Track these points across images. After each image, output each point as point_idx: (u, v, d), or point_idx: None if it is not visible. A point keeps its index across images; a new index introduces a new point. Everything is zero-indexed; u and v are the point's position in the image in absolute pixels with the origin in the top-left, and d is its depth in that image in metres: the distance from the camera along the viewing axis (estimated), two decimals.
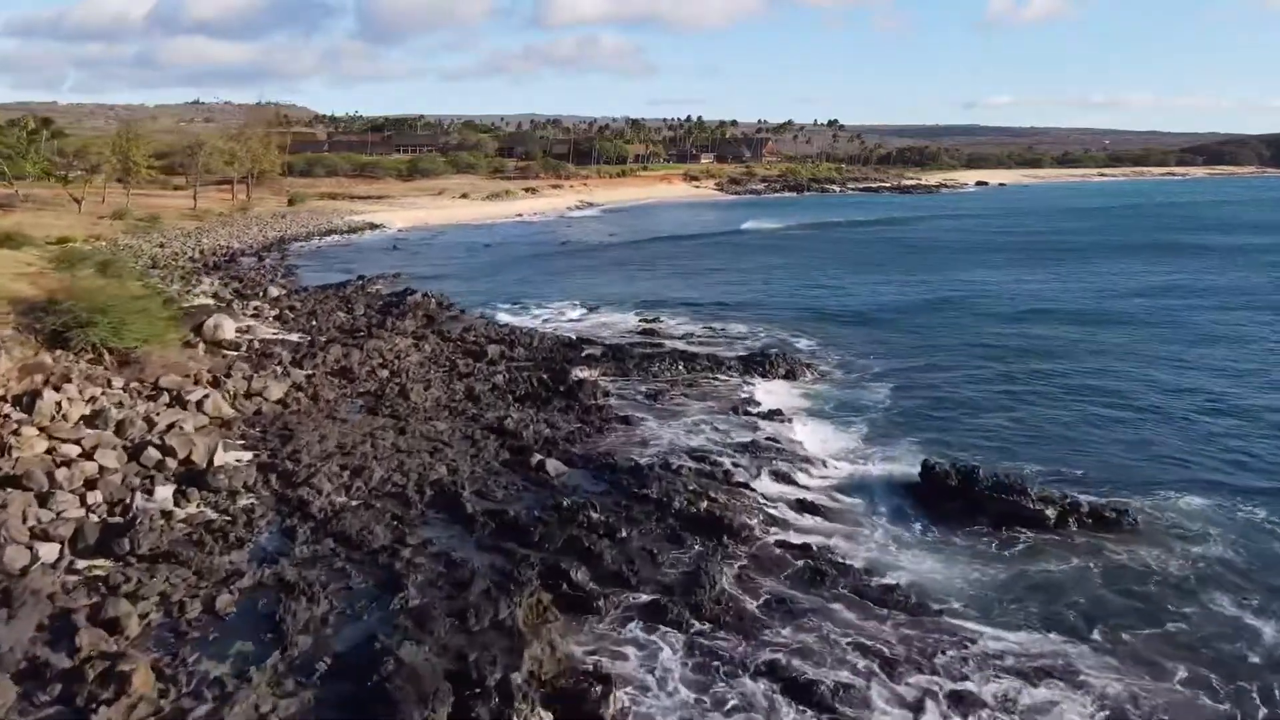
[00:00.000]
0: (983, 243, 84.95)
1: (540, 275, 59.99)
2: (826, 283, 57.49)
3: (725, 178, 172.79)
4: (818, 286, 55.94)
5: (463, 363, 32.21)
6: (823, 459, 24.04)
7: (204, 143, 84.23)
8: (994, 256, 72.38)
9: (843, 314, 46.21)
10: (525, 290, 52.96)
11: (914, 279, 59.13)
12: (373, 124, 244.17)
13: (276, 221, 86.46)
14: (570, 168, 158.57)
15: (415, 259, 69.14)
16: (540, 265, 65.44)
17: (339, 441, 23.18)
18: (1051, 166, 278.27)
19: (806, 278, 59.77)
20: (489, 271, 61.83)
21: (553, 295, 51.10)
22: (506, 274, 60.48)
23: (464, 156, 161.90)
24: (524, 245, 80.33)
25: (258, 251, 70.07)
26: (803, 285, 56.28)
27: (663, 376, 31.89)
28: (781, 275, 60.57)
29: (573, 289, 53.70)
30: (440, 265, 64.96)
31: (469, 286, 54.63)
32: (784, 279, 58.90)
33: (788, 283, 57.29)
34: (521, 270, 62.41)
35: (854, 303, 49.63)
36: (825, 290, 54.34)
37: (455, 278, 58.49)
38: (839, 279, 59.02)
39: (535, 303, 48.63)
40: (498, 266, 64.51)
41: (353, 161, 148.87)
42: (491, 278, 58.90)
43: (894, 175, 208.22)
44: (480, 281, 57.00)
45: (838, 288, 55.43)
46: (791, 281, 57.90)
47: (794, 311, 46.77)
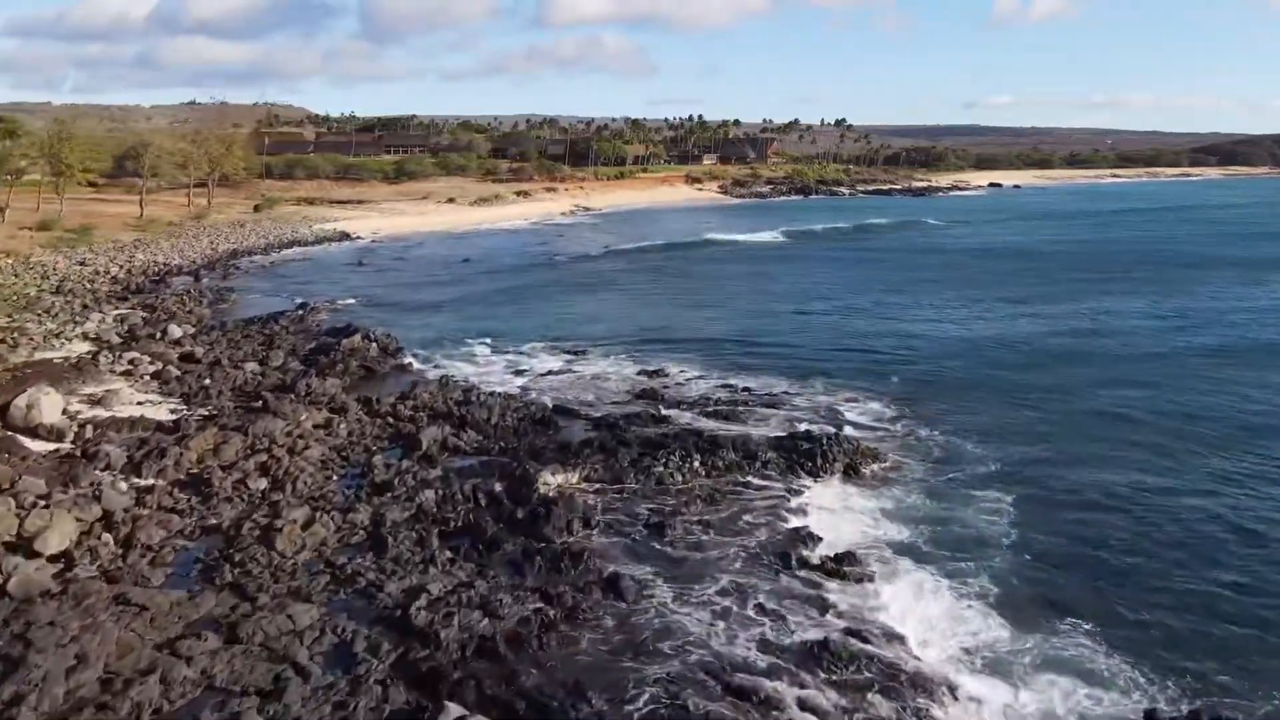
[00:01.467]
0: (1043, 252, 74.58)
1: (520, 300, 49.70)
2: (869, 309, 47.07)
3: (729, 180, 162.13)
4: (859, 314, 45.56)
5: (382, 464, 21.88)
6: (948, 680, 13.84)
7: (149, 143, 73.87)
8: (1070, 273, 61.57)
9: (902, 358, 35.79)
10: (498, 324, 42.68)
11: (982, 304, 48.62)
12: (365, 124, 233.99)
13: (233, 231, 76.17)
14: (565, 169, 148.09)
15: (379, 277, 58.85)
16: (522, 286, 55.12)
17: (100, 674, 12.89)
18: (1061, 167, 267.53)
19: (843, 301, 49.33)
20: (459, 295, 51.47)
21: (531, 331, 40.84)
22: (480, 299, 50.12)
23: (454, 158, 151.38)
24: (508, 258, 70.04)
25: (199, 269, 59.81)
26: (841, 314, 45.82)
27: (672, 481, 21.67)
28: (813, 300, 50.10)
29: (556, 321, 43.45)
30: (404, 287, 54.64)
31: (430, 318, 44.34)
32: (816, 305, 48.48)
33: (821, 310, 46.86)
34: (499, 294, 52.07)
35: (914, 340, 39.19)
36: (870, 320, 43.94)
37: (417, 305, 48.19)
38: (884, 304, 48.57)
39: (508, 343, 38.34)
40: (471, 288, 54.14)
41: (336, 163, 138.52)
42: (461, 305, 48.58)
43: (903, 176, 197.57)
44: (446, 311, 46.67)
45: (884, 316, 45.01)
46: (825, 308, 47.49)
47: (836, 354, 36.46)
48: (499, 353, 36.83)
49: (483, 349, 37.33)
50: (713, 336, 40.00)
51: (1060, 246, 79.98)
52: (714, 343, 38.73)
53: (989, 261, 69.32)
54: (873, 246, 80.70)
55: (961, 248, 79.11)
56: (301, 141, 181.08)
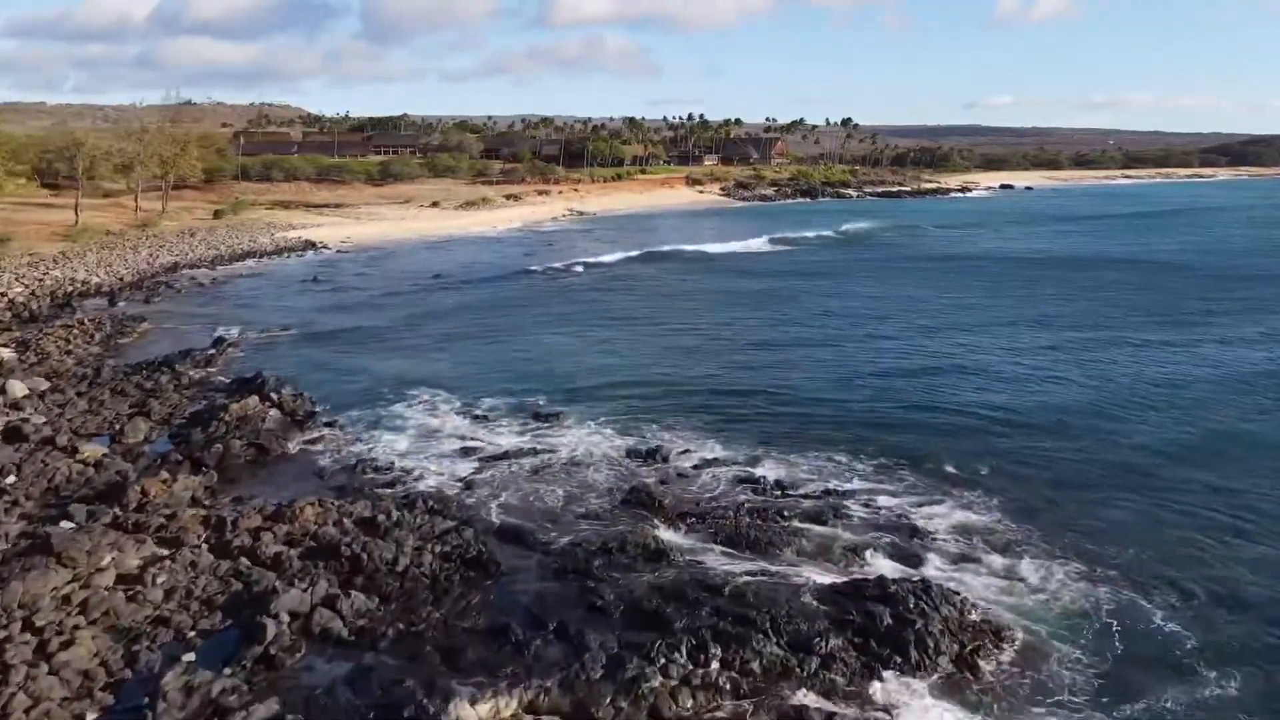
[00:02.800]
0: (1106, 261, 65.71)
1: (490, 331, 40.51)
2: (918, 342, 37.71)
3: (732, 182, 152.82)
4: (906, 350, 36.20)
5: (178, 688, 12.72)
6: None
7: (82, 143, 64.74)
8: (1157, 290, 52.57)
9: (983, 423, 26.29)
10: (455, 366, 33.53)
11: (1064, 333, 39.47)
12: (356, 124, 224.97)
13: (180, 242, 67.04)
14: (560, 171, 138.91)
15: (330, 298, 49.70)
16: (495, 310, 45.95)
17: None
18: (1069, 168, 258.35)
19: (882, 332, 40.03)
20: (417, 323, 42.24)
21: (495, 378, 31.69)
22: (441, 329, 40.85)
23: (443, 159, 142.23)
24: (486, 272, 60.80)
25: (121, 289, 50.77)
26: (883, 351, 36.43)
27: (676, 708, 12.64)
28: (844, 330, 40.84)
29: (529, 361, 34.30)
30: (355, 311, 45.47)
31: (372, 358, 35.09)
32: (849, 337, 39.22)
33: (857, 345, 37.55)
34: (465, 321, 42.90)
35: (994, 393, 29.70)
36: (924, 359, 34.53)
37: (362, 337, 38.97)
38: (937, 333, 39.25)
39: (462, 398, 29.19)
40: (434, 313, 44.88)
41: (318, 165, 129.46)
42: (416, 336, 39.34)
43: (911, 177, 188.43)
44: (396, 345, 37.42)
45: (943, 353, 35.61)
46: (861, 342, 38.19)
47: (889, 413, 27.24)
48: (446, 414, 27.75)
49: (426, 410, 28.18)
50: (722, 386, 30.84)
51: (1114, 254, 71.02)
52: (723, 396, 29.61)
53: (1049, 272, 60.43)
54: (903, 255, 71.40)
55: (1006, 256, 69.97)
56: (286, 142, 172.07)
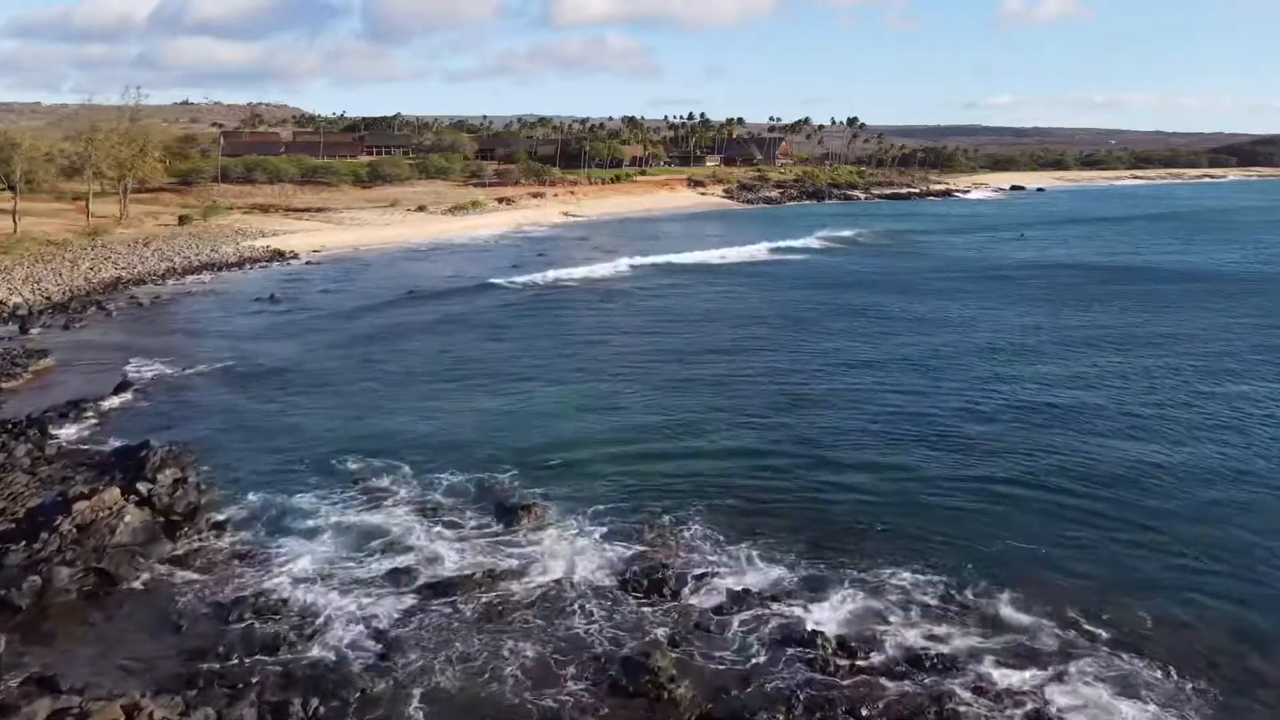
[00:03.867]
0: (1187, 275, 58.81)
1: (452, 372, 33.51)
2: (1004, 384, 30.76)
3: (735, 183, 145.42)
4: (992, 393, 29.40)
5: None
6: None
7: (18, 144, 57.74)
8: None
9: (1151, 505, 19.74)
10: (404, 424, 26.57)
11: (1213, 379, 32.82)
12: (350, 124, 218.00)
13: (131, 253, 60.03)
14: (555, 172, 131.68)
15: (281, 322, 42.78)
16: (465, 340, 38.93)
17: None
18: (1076, 168, 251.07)
19: (947, 367, 33.07)
20: (368, 361, 35.10)
21: (453, 443, 24.81)
22: (394, 369, 33.74)
23: (435, 160, 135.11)
24: (467, 286, 53.82)
25: (47, 310, 43.88)
26: (956, 394, 29.47)
27: None
28: (896, 363, 33.93)
29: (498, 417, 27.34)
30: (302, 340, 38.49)
31: (301, 413, 27.99)
32: (903, 370, 32.33)
33: (918, 383, 30.64)
34: (429, 354, 35.85)
35: (1146, 458, 23.00)
36: (1019, 408, 27.76)
37: (300, 381, 31.84)
38: (1020, 365, 32.59)
39: (405, 479, 22.30)
40: (393, 347, 37.71)
41: (302, 166, 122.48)
42: (365, 377, 32.31)
43: (919, 178, 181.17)
44: (332, 394, 30.26)
45: (1036, 397, 28.78)
46: (922, 375, 31.33)
47: (995, 512, 20.45)
48: (379, 505, 20.83)
49: (357, 498, 21.26)
50: (745, 455, 24.04)
51: (1173, 265, 64.11)
52: (748, 470, 22.81)
53: (1114, 286, 53.96)
54: (939, 266, 64.18)
55: (1052, 266, 63.52)
56: (275, 142, 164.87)
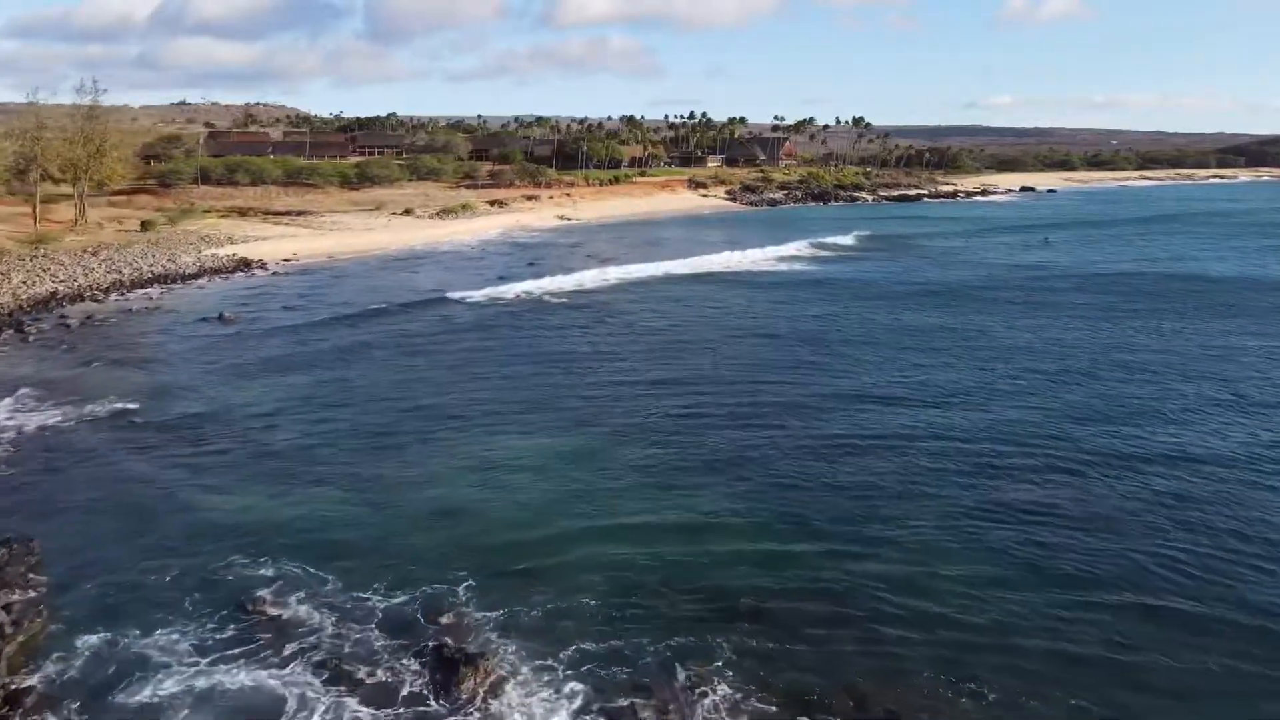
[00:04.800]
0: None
1: (400, 426, 27.10)
2: (1134, 446, 24.42)
3: (738, 185, 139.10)
4: (1130, 476, 23.00)
5: None
6: None
7: None
8: None
9: None
10: (326, 512, 20.21)
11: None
12: (344, 124, 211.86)
13: (76, 263, 53.72)
14: (551, 173, 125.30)
15: (219, 349, 36.45)
16: (429, 378, 32.56)
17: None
18: (1082, 168, 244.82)
19: (1031, 414, 26.69)
20: (303, 407, 28.75)
21: (386, 542, 18.55)
22: (332, 422, 27.36)
23: (427, 160, 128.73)
24: (444, 303, 47.62)
25: None
26: (1064, 471, 22.95)
27: None
28: (963, 410, 27.62)
29: (450, 500, 20.91)
30: (231, 377, 32.14)
31: (193, 489, 21.59)
32: (971, 420, 25.97)
33: (1007, 451, 24.25)
34: (379, 399, 29.48)
35: None
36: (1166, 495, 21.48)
37: (207, 435, 25.41)
38: (1135, 415, 26.11)
39: (307, 599, 16.09)
40: (339, 386, 31.40)
41: (288, 167, 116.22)
42: (285, 442, 25.81)
43: (926, 179, 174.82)
44: (244, 459, 23.89)
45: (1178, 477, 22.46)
46: (1007, 434, 24.95)
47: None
48: (274, 653, 14.54)
49: (244, 629, 15.02)
50: (771, 567, 17.76)
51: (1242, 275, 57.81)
52: (795, 592, 16.50)
53: (1189, 299, 47.39)
54: (971, 264, 57.55)
55: (1105, 275, 56.52)
56: (263, 142, 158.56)
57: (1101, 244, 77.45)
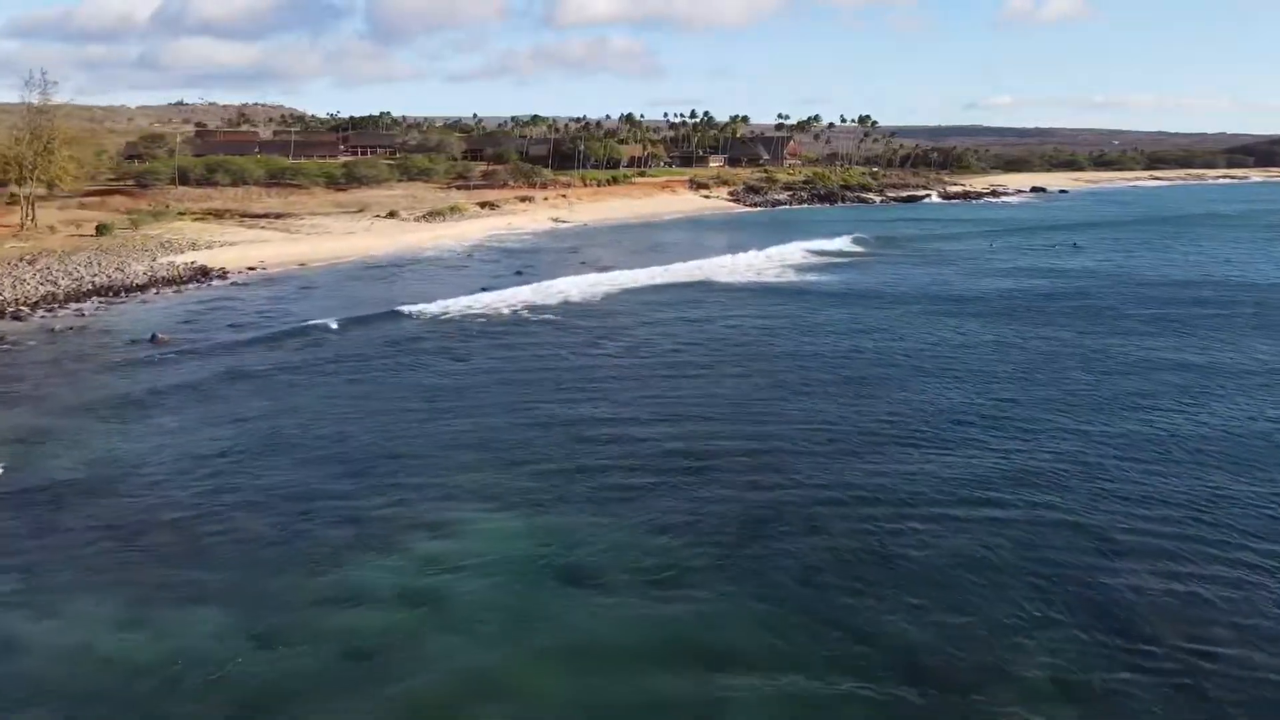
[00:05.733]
0: None
1: (333, 501, 20.88)
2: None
3: (741, 185, 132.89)
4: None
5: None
6: None
7: None
8: None
9: None
10: (209, 632, 14.13)
11: None
12: (337, 123, 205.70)
13: (8, 273, 47.58)
14: (547, 173, 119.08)
15: (133, 386, 30.18)
16: (375, 420, 26.33)
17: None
18: (1089, 168, 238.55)
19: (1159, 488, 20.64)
20: (214, 470, 22.59)
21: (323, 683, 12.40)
22: (244, 489, 21.03)
23: (417, 160, 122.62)
24: (417, 318, 41.46)
25: None
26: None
27: None
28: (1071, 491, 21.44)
29: (387, 650, 14.76)
30: (124, 434, 25.82)
31: (27, 612, 15.57)
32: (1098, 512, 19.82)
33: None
34: (312, 459, 23.19)
35: None
36: None
37: (67, 529, 19.31)
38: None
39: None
40: (266, 436, 25.10)
41: (271, 166, 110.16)
42: (162, 542, 19.72)
43: (933, 180, 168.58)
44: (118, 557, 17.79)
45: None
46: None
47: None
48: None
49: None
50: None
51: None
52: None
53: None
54: (1004, 271, 50.60)
55: (1145, 279, 49.60)
56: (250, 141, 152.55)
57: (1136, 249, 71.27)
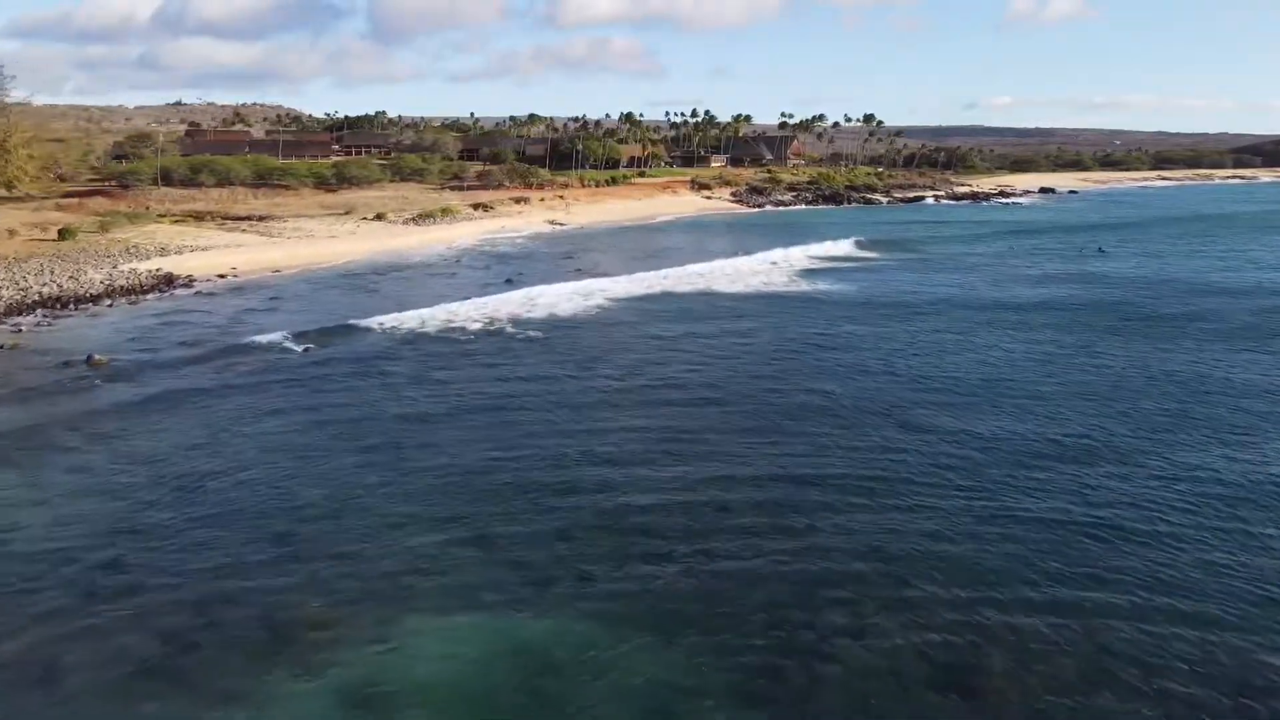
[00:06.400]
0: None
1: (247, 595, 16.56)
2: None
3: (744, 186, 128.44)
4: None
5: None
6: None
7: None
8: None
9: None
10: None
11: None
12: (332, 123, 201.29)
13: None
14: (544, 174, 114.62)
15: (45, 422, 25.81)
16: (316, 469, 21.88)
17: None
18: (1095, 168, 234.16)
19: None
20: (95, 562, 18.33)
21: None
22: (137, 570, 16.70)
23: (410, 160, 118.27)
24: (385, 336, 37.05)
25: None
26: None
27: None
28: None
29: None
30: (18, 491, 21.60)
31: None
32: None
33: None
34: (225, 529, 18.84)
35: None
36: None
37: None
38: None
39: None
40: (179, 498, 20.73)
41: (258, 167, 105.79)
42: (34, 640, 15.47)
43: (940, 180, 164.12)
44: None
45: None
46: None
47: None
48: None
49: None
50: None
51: None
52: None
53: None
54: (1036, 279, 46.30)
55: (1192, 286, 44.96)
56: (240, 140, 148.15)
57: (1167, 253, 66.84)
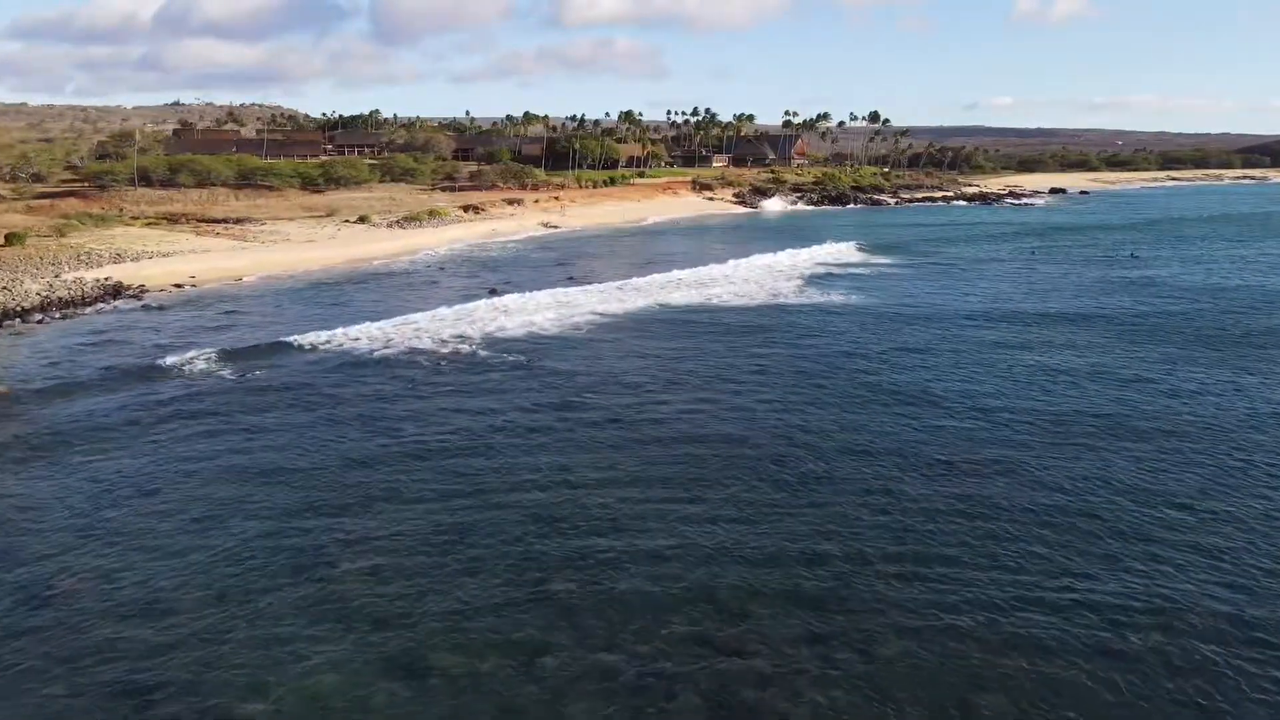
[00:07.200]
0: None
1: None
2: None
3: (747, 186, 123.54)
4: None
5: None
6: None
7: None
8: None
9: None
10: None
11: None
12: (325, 122, 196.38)
13: None
14: (539, 174, 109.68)
15: None
16: (230, 538, 17.05)
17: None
18: (1102, 169, 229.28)
19: None
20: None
21: None
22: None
23: (401, 160, 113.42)
24: (341, 354, 32.14)
25: None
26: None
27: None
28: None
29: None
30: None
31: None
32: None
33: None
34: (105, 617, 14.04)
35: None
36: None
37: None
38: None
39: None
40: (26, 591, 16.05)
41: (241, 167, 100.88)
42: None
43: (948, 180, 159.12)
44: None
45: None
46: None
47: None
48: None
49: None
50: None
51: None
52: None
53: None
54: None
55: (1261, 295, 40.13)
56: (227, 140, 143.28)
57: (1205, 257, 61.91)
